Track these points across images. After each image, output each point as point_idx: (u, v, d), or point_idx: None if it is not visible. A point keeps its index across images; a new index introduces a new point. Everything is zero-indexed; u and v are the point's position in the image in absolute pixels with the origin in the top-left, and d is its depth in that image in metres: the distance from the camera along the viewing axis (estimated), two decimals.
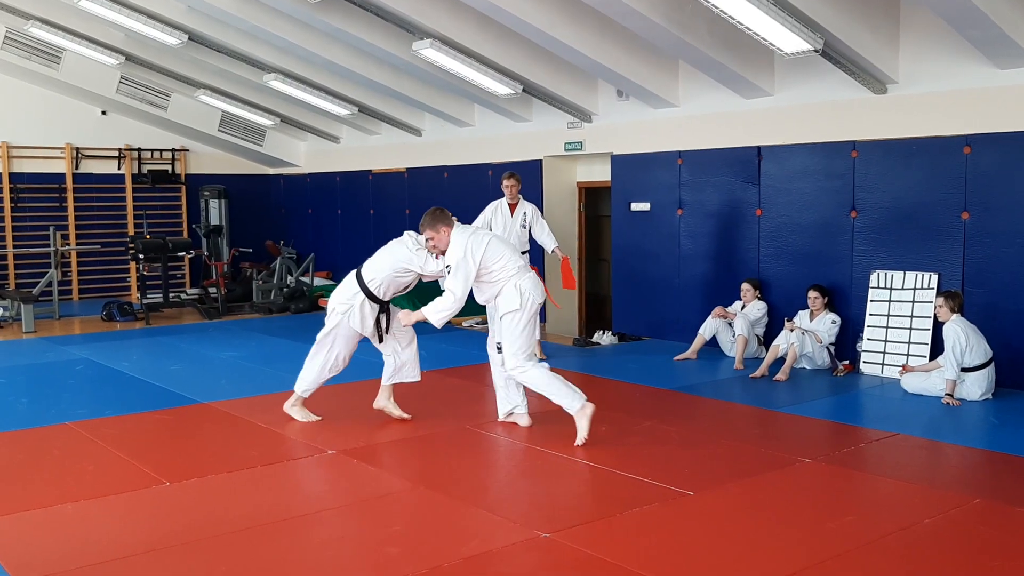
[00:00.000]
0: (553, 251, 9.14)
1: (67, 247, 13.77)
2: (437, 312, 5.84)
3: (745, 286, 8.84)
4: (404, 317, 6.15)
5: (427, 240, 6.00)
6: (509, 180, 9.05)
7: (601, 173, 11.04)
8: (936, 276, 7.72)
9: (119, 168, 14.83)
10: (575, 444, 5.73)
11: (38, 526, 4.49)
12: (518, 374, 5.92)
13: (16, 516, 4.60)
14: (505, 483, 5.35)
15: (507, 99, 10.66)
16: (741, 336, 8.46)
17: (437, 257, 6.05)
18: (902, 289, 7.91)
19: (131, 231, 14.57)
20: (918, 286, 7.82)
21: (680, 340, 9.49)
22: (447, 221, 5.94)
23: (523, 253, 9.11)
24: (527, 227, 9.12)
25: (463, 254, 5.81)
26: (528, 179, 11.26)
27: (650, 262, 10.09)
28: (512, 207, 9.09)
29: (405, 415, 6.50)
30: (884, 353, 7.94)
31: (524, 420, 6.23)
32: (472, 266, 5.82)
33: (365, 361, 8.33)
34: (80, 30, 11.71)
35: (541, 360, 6.73)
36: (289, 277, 13.65)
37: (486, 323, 9.78)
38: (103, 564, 3.99)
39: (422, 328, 6.36)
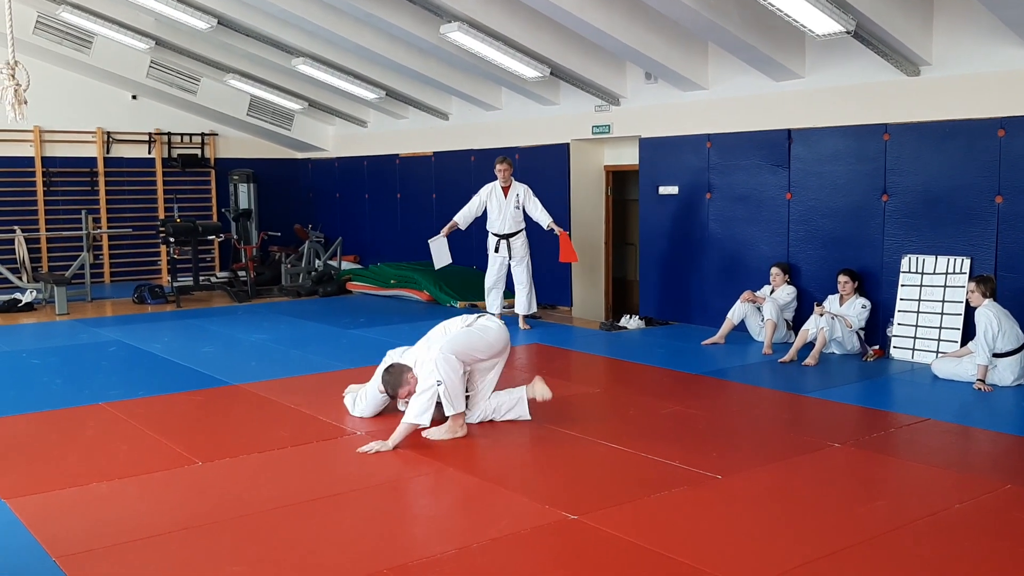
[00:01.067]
0: (549, 227, 9.51)
1: (99, 230, 13.93)
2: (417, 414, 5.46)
3: (774, 270, 8.78)
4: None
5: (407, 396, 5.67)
6: (502, 164, 9.61)
7: (629, 156, 10.99)
8: (968, 260, 7.63)
9: (149, 152, 14.96)
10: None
11: (73, 504, 4.56)
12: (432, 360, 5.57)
13: (51, 494, 4.68)
14: (532, 465, 5.36)
15: (535, 82, 10.62)
16: (770, 320, 8.41)
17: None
18: (934, 274, 7.83)
19: (161, 215, 14.70)
20: (950, 271, 7.73)
21: (708, 324, 9.46)
22: (408, 370, 5.66)
23: (519, 232, 9.66)
24: (520, 207, 9.60)
25: (436, 367, 5.50)
26: (555, 163, 11.26)
27: (678, 246, 10.04)
28: (505, 190, 9.60)
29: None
30: (915, 338, 7.86)
31: (538, 392, 6.05)
32: (456, 363, 5.58)
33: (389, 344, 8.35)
34: (111, 14, 11.80)
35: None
36: (317, 261, 13.74)
37: (512, 306, 9.89)
38: (137, 542, 4.06)
39: (446, 312, 6.36)
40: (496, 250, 9.66)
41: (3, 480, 4.86)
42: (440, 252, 9.71)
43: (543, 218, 9.51)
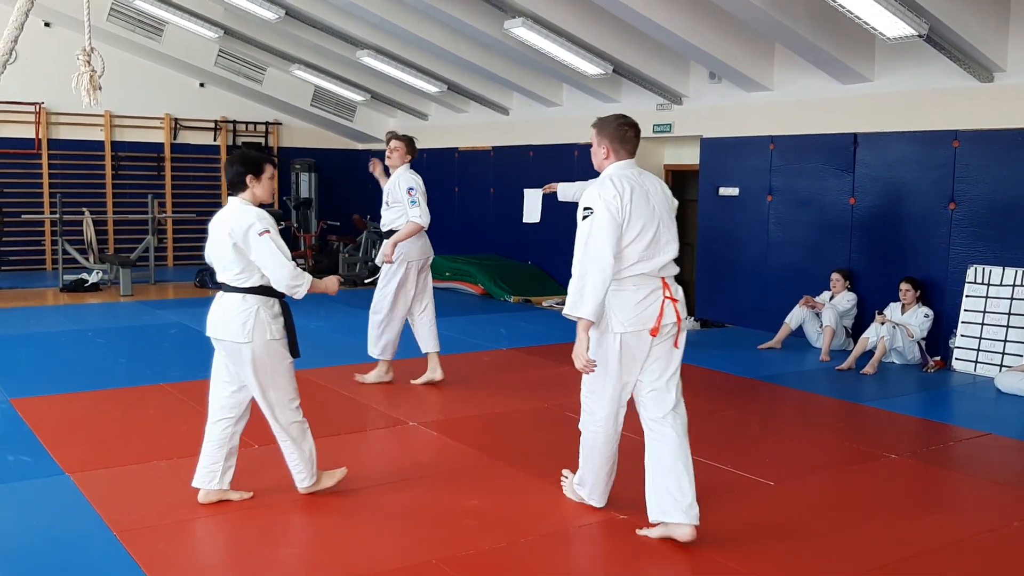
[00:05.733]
0: None
1: (164, 215, 14.23)
2: None
3: (835, 276, 8.64)
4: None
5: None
6: None
7: (690, 156, 10.90)
8: None
9: (215, 139, 15.24)
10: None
11: (134, 480, 4.68)
12: None
13: (114, 470, 4.81)
14: None
15: (596, 79, 10.58)
16: (829, 327, 8.28)
17: None
18: (1000, 285, 7.64)
19: (225, 201, 14.93)
20: (1017, 282, 7.53)
21: (764, 329, 9.34)
22: None
23: None
24: None
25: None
26: None
27: (736, 248, 9.94)
28: None
29: None
30: (978, 351, 7.68)
31: None
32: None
33: (443, 336, 8.42)
34: (181, 3, 12.04)
35: None
36: (374, 251, 13.86)
37: (563, 303, 9.74)
38: (194, 520, 4.16)
39: (500, 307, 6.37)
40: None
41: (68, 455, 5.01)
42: (532, 204, 8.10)
43: None
